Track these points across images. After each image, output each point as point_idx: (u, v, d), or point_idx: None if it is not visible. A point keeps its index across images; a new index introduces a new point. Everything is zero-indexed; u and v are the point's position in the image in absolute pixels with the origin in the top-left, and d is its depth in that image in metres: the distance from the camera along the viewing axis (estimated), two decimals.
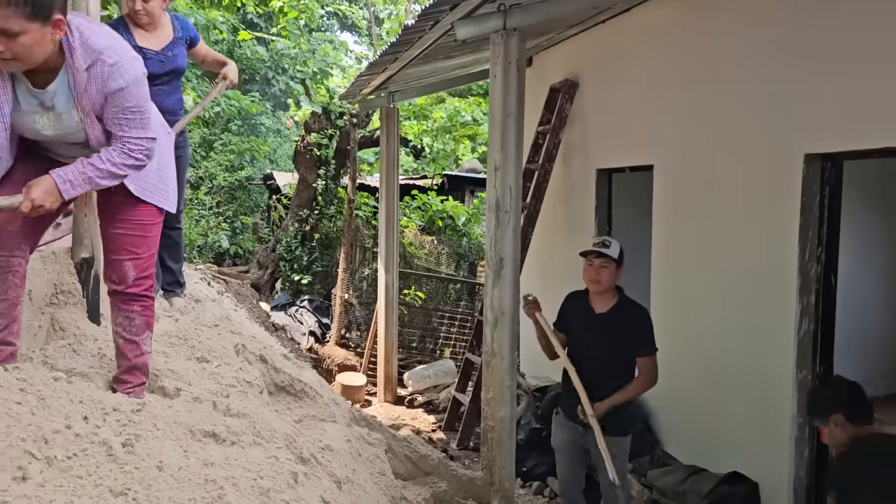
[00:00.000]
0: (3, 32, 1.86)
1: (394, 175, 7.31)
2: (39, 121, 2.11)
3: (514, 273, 4.07)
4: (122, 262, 2.30)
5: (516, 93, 3.97)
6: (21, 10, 1.86)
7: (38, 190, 2.03)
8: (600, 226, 6.09)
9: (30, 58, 1.94)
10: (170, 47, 3.61)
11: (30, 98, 2.08)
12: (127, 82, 2.07)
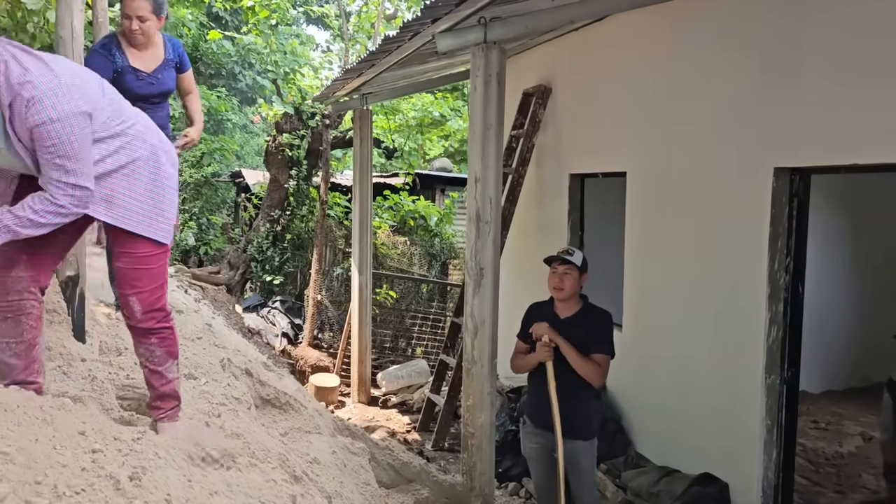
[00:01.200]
0: None
1: (367, 178, 7.31)
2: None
3: (494, 282, 4.13)
4: (127, 298, 2.27)
5: (496, 104, 4.03)
6: None
7: None
8: (573, 229, 6.20)
9: None
10: (160, 69, 3.60)
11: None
12: (43, 119, 1.92)
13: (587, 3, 4.13)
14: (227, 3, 10.65)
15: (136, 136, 2.22)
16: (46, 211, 1.98)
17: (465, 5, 3.62)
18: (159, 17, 3.43)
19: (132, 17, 3.33)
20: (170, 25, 8.78)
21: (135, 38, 3.40)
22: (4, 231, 1.96)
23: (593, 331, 3.62)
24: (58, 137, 1.94)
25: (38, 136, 1.93)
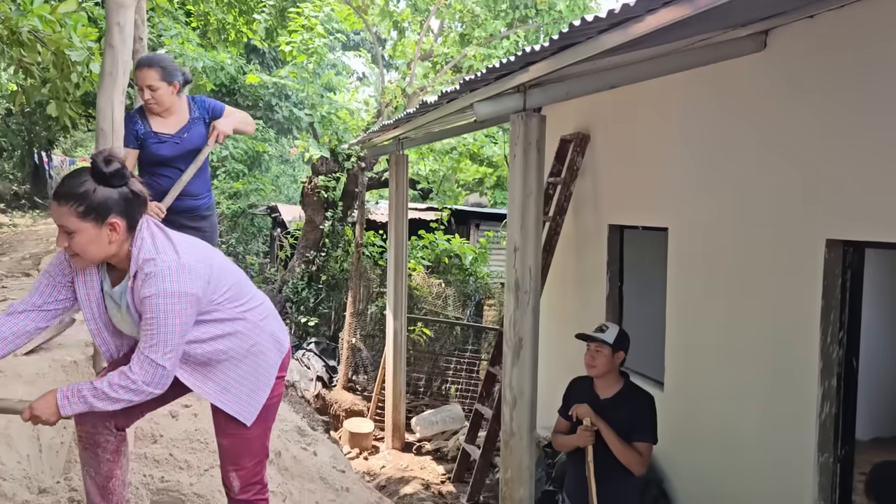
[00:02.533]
0: (63, 229, 1.97)
1: (402, 221, 7.28)
2: (115, 315, 2.17)
3: (533, 353, 4.04)
4: (227, 473, 2.31)
5: (536, 172, 3.96)
6: (74, 210, 1.95)
7: (40, 402, 2.03)
8: (612, 280, 6.07)
9: (86, 255, 2.00)
10: (185, 129, 3.63)
11: (108, 296, 2.16)
12: (152, 292, 1.99)
13: (631, 69, 4.04)
14: (265, 42, 10.78)
15: (255, 323, 2.26)
16: (120, 385, 2.01)
17: (504, 80, 3.56)
18: (171, 83, 3.46)
19: (143, 87, 3.38)
20: (209, 69, 8.92)
21: (151, 108, 3.46)
22: (81, 401, 2.01)
23: (635, 415, 3.50)
24: (158, 311, 2.00)
25: (143, 307, 2.02)
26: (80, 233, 1.97)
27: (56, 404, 2.00)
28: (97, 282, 2.15)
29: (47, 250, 8.81)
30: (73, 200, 1.95)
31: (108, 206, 1.98)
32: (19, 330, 2.10)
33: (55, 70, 6.86)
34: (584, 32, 2.70)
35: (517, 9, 9.28)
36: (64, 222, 1.96)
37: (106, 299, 2.16)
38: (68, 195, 1.95)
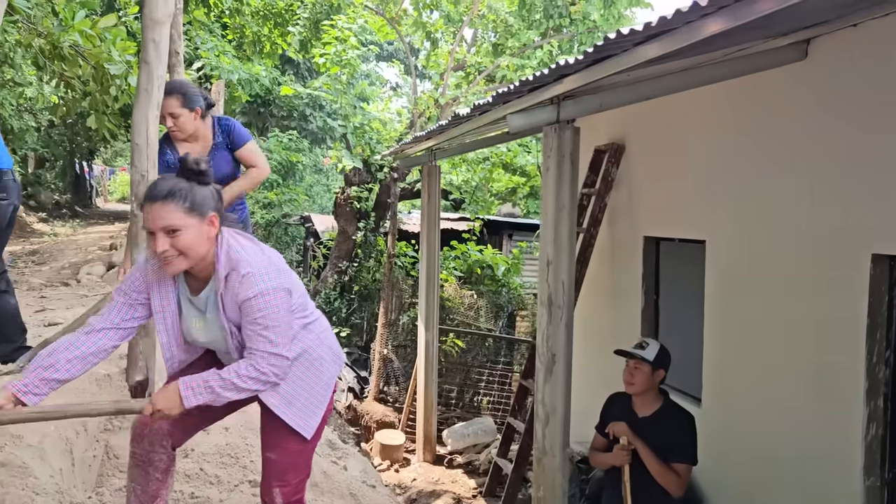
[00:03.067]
0: (166, 230, 1.96)
1: (434, 232, 7.25)
2: (195, 325, 2.18)
3: (567, 369, 3.97)
4: (270, 489, 2.29)
5: (569, 186, 3.90)
6: (182, 206, 1.97)
7: (162, 395, 2.06)
8: (647, 294, 5.95)
9: (190, 253, 2.02)
10: (210, 156, 3.60)
11: (189, 304, 2.18)
12: (255, 292, 2.04)
13: (666, 80, 3.96)
14: (299, 54, 10.89)
15: (317, 334, 2.31)
16: (249, 377, 2.05)
17: (537, 92, 3.52)
18: (192, 110, 3.43)
19: (165, 115, 3.33)
20: (244, 81, 9.02)
21: (174, 136, 3.45)
22: (208, 391, 2.04)
23: (674, 435, 3.41)
24: (266, 309, 2.04)
25: (248, 308, 2.04)
26: (187, 229, 1.98)
27: (179, 396, 2.03)
28: (173, 294, 2.17)
29: (86, 259, 8.98)
30: (180, 197, 1.98)
31: (207, 201, 2.04)
32: (98, 348, 2.12)
33: (95, 83, 7.00)
34: (619, 45, 2.65)
35: (551, 18, 9.21)
36: (171, 221, 1.96)
37: (184, 310, 2.18)
38: (174, 192, 1.98)
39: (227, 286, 2.06)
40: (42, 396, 2.04)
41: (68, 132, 18.24)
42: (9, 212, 3.39)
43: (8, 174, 3.38)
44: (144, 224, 2.02)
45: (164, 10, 2.90)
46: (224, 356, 2.27)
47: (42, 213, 18.20)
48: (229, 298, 2.07)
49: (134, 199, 2.95)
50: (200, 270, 2.11)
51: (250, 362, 2.06)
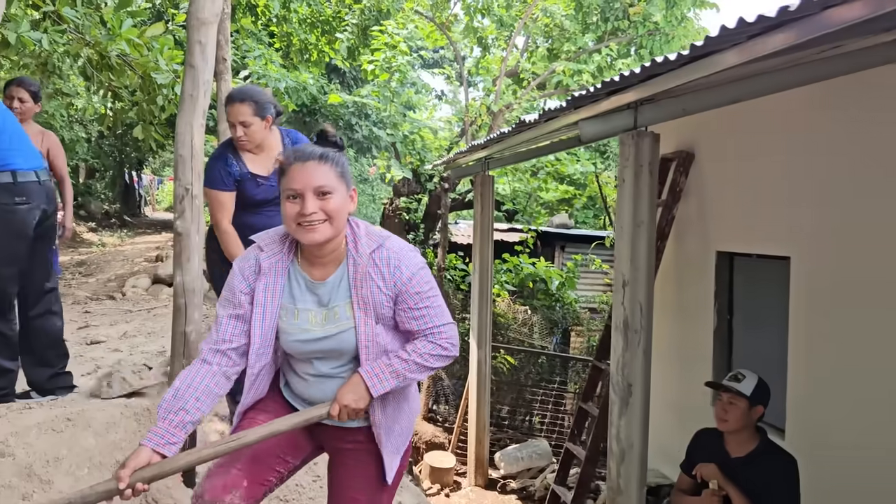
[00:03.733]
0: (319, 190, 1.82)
1: (488, 247, 6.93)
2: (312, 320, 1.92)
3: (644, 400, 3.60)
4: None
5: (648, 198, 3.54)
6: (334, 169, 1.86)
7: (346, 391, 1.88)
8: (720, 313, 5.53)
9: (337, 219, 1.85)
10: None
11: (307, 294, 1.94)
12: (417, 266, 1.92)
13: (755, 81, 3.57)
14: (347, 61, 10.71)
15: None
16: (431, 354, 1.93)
17: (615, 97, 3.18)
18: (264, 118, 3.19)
19: (235, 123, 3.12)
20: (291, 90, 8.85)
21: (243, 146, 3.20)
22: (393, 375, 1.90)
23: (772, 481, 3.02)
24: (431, 283, 1.95)
25: (415, 283, 1.90)
26: (337, 193, 1.84)
27: (365, 388, 1.87)
28: (282, 286, 1.94)
29: (132, 272, 8.89)
30: (333, 161, 1.87)
31: (350, 174, 1.95)
32: (222, 375, 1.92)
33: (142, 93, 6.88)
34: (729, 39, 2.29)
35: (608, 21, 8.85)
36: (325, 181, 1.82)
37: (297, 304, 1.94)
38: (327, 155, 1.86)
39: (374, 262, 1.89)
40: (180, 443, 1.86)
41: (118, 143, 18.44)
42: (32, 217, 3.12)
43: (29, 175, 3.11)
44: (288, 185, 1.84)
45: (210, 10, 2.65)
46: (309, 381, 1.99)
47: (91, 222, 18.42)
48: (376, 276, 1.88)
49: (177, 215, 2.69)
50: (330, 250, 1.90)
51: (428, 339, 1.92)
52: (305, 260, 1.94)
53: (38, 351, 3.25)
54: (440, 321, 1.93)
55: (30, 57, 6.98)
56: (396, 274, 1.87)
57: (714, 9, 9.32)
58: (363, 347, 1.90)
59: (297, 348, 1.93)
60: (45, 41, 6.00)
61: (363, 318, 1.88)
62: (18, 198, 3.05)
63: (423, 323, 1.91)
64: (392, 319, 1.93)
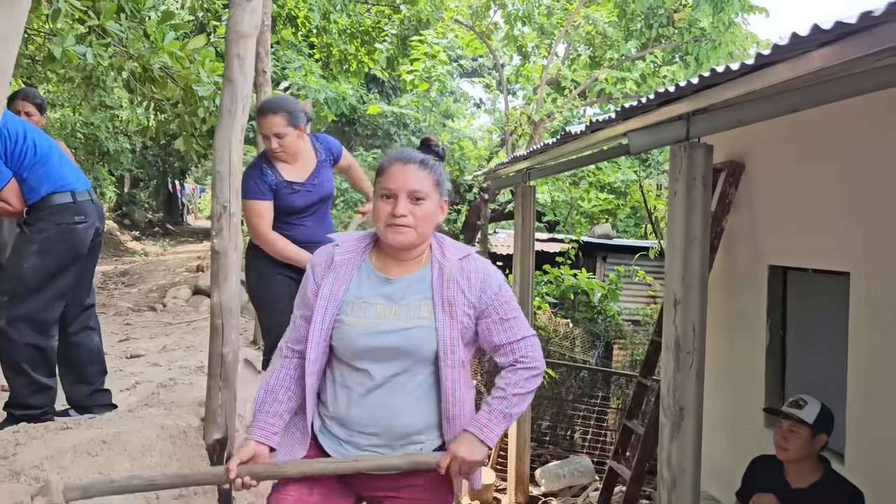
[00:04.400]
0: (413, 195, 1.82)
1: (529, 259, 6.78)
2: (380, 313, 1.87)
3: (697, 426, 3.44)
4: None
5: (701, 213, 3.39)
6: (431, 176, 1.86)
7: (460, 444, 1.82)
8: (772, 329, 5.31)
9: (425, 225, 1.85)
10: (315, 174, 3.35)
11: (377, 288, 1.91)
12: (502, 279, 1.95)
13: (817, 89, 3.38)
14: (386, 71, 10.69)
15: None
16: (525, 379, 1.90)
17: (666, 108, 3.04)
18: (297, 127, 3.16)
19: (269, 135, 3.09)
20: (331, 100, 8.85)
21: (278, 157, 3.18)
22: (505, 418, 1.88)
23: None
24: (513, 295, 1.97)
25: (503, 294, 1.91)
26: (430, 201, 1.85)
27: (479, 441, 1.83)
28: (349, 279, 1.90)
29: (173, 282, 8.96)
30: (432, 168, 1.87)
31: (446, 184, 1.95)
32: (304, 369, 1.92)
33: (183, 105, 6.92)
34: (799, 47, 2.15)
35: (652, 27, 8.65)
36: (421, 186, 1.82)
37: (363, 296, 1.89)
38: (427, 161, 1.87)
39: (462, 269, 1.89)
40: (280, 432, 1.91)
41: (161, 152, 18.76)
42: (88, 234, 3.16)
43: (84, 195, 3.15)
44: (385, 184, 1.84)
45: (249, 23, 2.58)
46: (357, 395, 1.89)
47: (135, 231, 18.74)
48: (462, 281, 1.87)
49: (214, 233, 2.62)
50: (413, 255, 1.91)
51: (518, 366, 1.89)
52: (382, 257, 1.93)
53: (78, 367, 3.24)
54: (527, 332, 1.92)
55: (75, 70, 7.07)
56: (486, 282, 1.88)
57: (763, 13, 9.06)
58: (444, 353, 1.84)
59: (359, 343, 1.85)
60: (90, 55, 6.06)
61: (447, 321, 1.84)
62: (78, 216, 3.09)
63: (511, 334, 1.88)
64: (470, 331, 1.89)
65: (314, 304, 1.89)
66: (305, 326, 1.91)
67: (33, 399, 3.02)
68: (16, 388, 3.04)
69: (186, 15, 10.11)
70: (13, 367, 3.01)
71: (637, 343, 8.78)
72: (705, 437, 3.59)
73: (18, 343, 2.97)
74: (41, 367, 3.06)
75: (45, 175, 3.03)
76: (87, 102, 8.32)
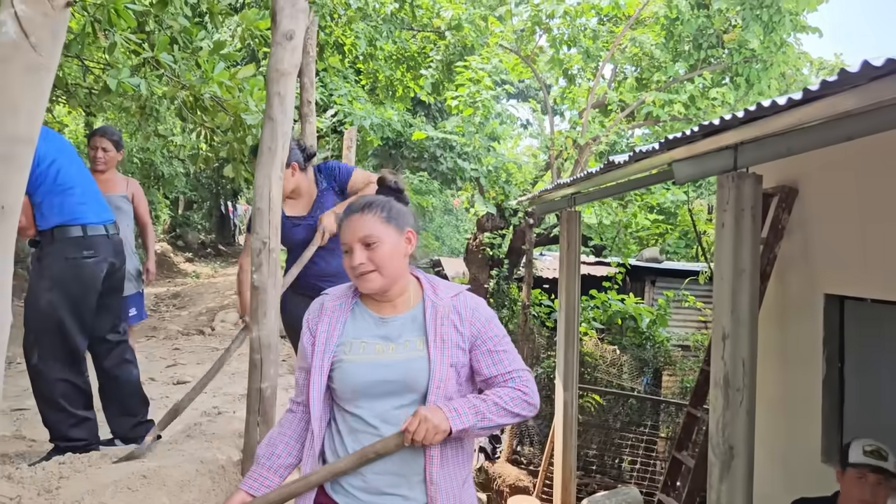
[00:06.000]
0: (363, 241, 1.89)
1: (574, 285, 6.68)
2: (378, 349, 1.91)
3: (748, 466, 3.31)
4: None
5: (750, 245, 3.28)
6: (379, 216, 1.91)
7: (426, 409, 1.80)
8: (829, 361, 5.10)
9: (387, 266, 1.89)
10: (316, 206, 3.39)
11: (373, 329, 1.95)
12: (492, 313, 2.01)
13: (877, 115, 3.25)
14: (432, 96, 10.74)
15: None
16: (511, 398, 1.89)
17: (715, 138, 2.96)
18: (289, 166, 3.19)
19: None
20: (377, 126, 8.93)
21: (292, 196, 3.29)
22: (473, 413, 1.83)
23: None
24: (503, 330, 2.00)
25: (494, 328, 1.95)
26: (383, 241, 1.89)
27: (444, 415, 1.80)
28: (343, 322, 1.96)
29: (222, 305, 9.11)
30: (377, 207, 1.92)
31: (404, 216, 1.98)
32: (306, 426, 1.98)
33: (233, 133, 7.06)
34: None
35: (700, 48, 8.50)
36: (367, 231, 1.89)
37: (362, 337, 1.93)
38: (371, 203, 1.93)
39: (455, 307, 1.93)
40: (273, 487, 1.94)
41: (214, 175, 19.21)
42: (100, 269, 3.15)
43: (97, 229, 3.16)
44: (342, 241, 1.94)
45: (290, 61, 2.61)
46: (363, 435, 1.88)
47: (188, 252, 19.18)
48: (455, 319, 1.91)
49: (254, 269, 2.64)
50: (396, 293, 1.95)
51: (509, 384, 1.90)
52: (372, 300, 1.97)
53: (119, 400, 3.28)
54: (518, 366, 1.94)
55: (130, 100, 7.29)
56: (476, 315, 1.92)
57: (816, 33, 8.81)
58: (434, 387, 1.84)
59: (360, 378, 1.86)
60: (144, 86, 6.24)
61: (438, 357, 1.86)
62: (87, 251, 3.10)
63: (502, 367, 1.91)
64: (464, 367, 1.91)
65: (311, 354, 1.94)
66: (305, 378, 1.96)
67: (73, 432, 3.06)
68: (55, 423, 3.08)
69: (237, 43, 10.36)
70: (49, 402, 3.05)
71: (687, 370, 8.55)
72: (757, 473, 3.45)
73: (51, 379, 3.00)
74: (76, 401, 3.10)
75: (58, 206, 3.05)
76: (141, 131, 8.59)
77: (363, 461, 1.82)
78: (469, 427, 1.81)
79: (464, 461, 1.95)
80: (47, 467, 2.62)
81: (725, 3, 8.14)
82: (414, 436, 1.76)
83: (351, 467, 1.82)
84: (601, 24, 9.44)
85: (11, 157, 1.07)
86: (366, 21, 9.28)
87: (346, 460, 1.83)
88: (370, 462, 1.82)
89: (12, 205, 1.20)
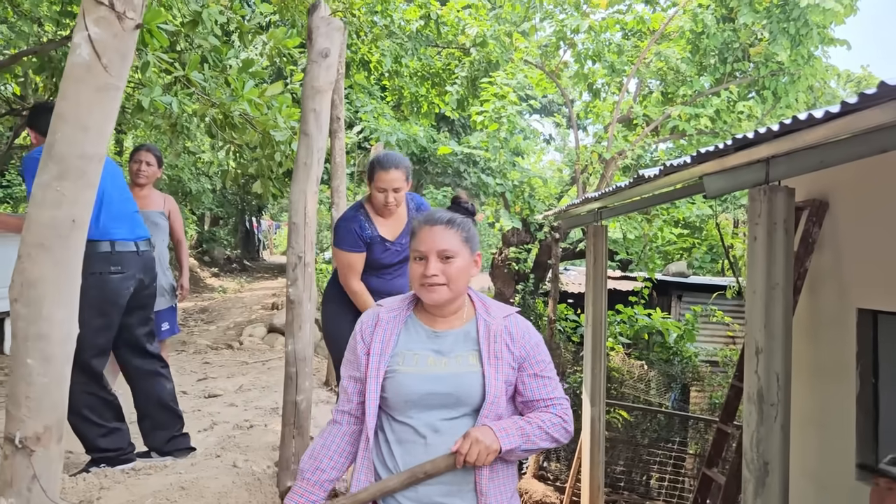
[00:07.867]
0: (442, 254, 1.91)
1: (601, 300, 6.66)
2: (426, 362, 1.94)
3: (783, 483, 3.28)
4: None
5: (783, 259, 3.26)
6: (459, 234, 1.94)
7: (477, 431, 1.84)
8: (863, 376, 5.02)
9: (457, 282, 1.93)
10: (404, 233, 3.35)
11: (426, 342, 1.98)
12: (540, 338, 2.05)
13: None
14: (456, 112, 10.81)
15: None
16: (553, 423, 1.94)
17: (746, 152, 2.95)
18: (409, 182, 3.22)
19: (388, 189, 3.11)
20: (402, 142, 9.00)
21: (388, 211, 3.19)
22: (520, 433, 1.88)
23: None
24: (549, 357, 2.04)
25: (541, 352, 1.99)
26: (459, 258, 1.92)
27: (494, 435, 1.84)
28: (397, 333, 1.99)
29: (249, 319, 9.20)
30: (459, 226, 1.96)
31: (477, 238, 2.02)
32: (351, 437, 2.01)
33: (261, 150, 7.16)
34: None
35: (726, 62, 8.48)
36: (448, 245, 1.92)
37: (414, 348, 1.97)
38: (454, 220, 1.96)
39: (506, 327, 1.96)
40: (319, 501, 1.96)
41: (240, 191, 19.44)
42: (126, 286, 3.19)
43: (126, 245, 3.20)
44: (416, 247, 1.96)
45: (325, 79, 2.66)
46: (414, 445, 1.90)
47: (215, 268, 19.38)
48: (507, 339, 1.95)
49: (290, 283, 2.68)
50: (452, 310, 1.99)
51: (551, 410, 1.94)
52: (426, 313, 2.00)
53: (152, 414, 3.32)
54: (560, 394, 1.98)
55: (161, 118, 7.43)
56: (527, 337, 1.96)
57: (844, 46, 8.74)
58: (489, 403, 1.88)
59: (413, 389, 1.90)
60: (175, 104, 6.36)
61: (493, 374, 1.90)
62: (114, 267, 3.14)
63: (545, 392, 1.94)
64: (512, 386, 1.94)
65: (365, 364, 1.95)
66: (354, 386, 1.98)
67: (104, 442, 3.10)
68: (85, 434, 3.13)
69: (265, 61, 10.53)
70: (78, 414, 3.08)
71: (716, 385, 8.45)
72: (791, 492, 3.41)
73: (78, 392, 3.04)
74: (105, 412, 3.14)
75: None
76: (172, 148, 8.73)
77: (412, 481, 1.84)
78: (514, 448, 1.84)
79: (511, 473, 1.97)
80: (88, 478, 2.66)
81: (751, 17, 8.13)
82: (467, 457, 1.80)
83: (400, 487, 1.85)
84: (626, 39, 9.45)
85: (82, 174, 1.11)
86: (391, 38, 9.39)
87: (396, 479, 1.85)
88: (419, 482, 1.85)
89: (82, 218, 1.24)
